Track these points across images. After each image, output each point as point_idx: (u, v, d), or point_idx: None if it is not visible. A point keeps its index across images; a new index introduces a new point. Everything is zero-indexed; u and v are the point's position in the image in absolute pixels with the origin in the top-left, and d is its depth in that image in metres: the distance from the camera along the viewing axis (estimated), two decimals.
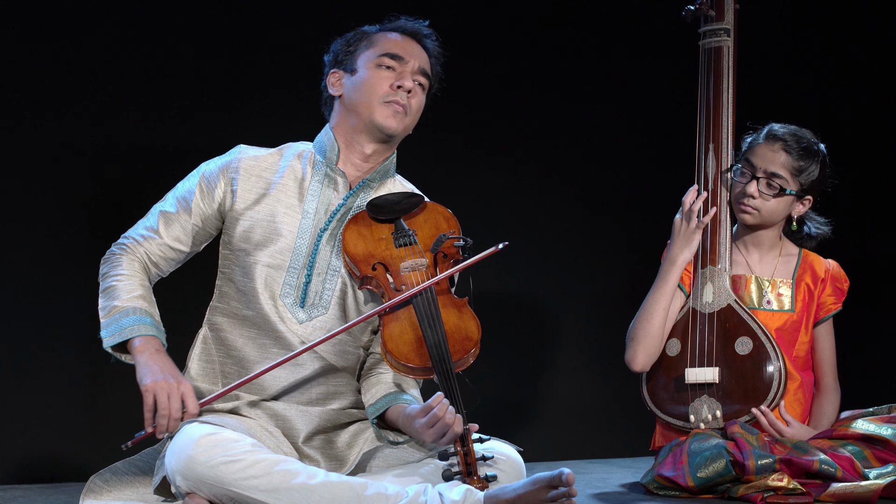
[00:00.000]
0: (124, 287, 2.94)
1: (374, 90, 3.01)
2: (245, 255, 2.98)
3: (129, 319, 2.90)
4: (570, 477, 2.65)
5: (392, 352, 2.82)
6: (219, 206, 3.02)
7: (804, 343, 3.50)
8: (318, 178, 3.04)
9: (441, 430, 2.72)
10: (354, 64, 3.05)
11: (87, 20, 3.89)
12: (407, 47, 3.05)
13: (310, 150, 3.10)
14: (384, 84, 3.01)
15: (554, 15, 4.54)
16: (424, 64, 3.07)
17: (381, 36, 3.07)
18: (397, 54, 3.03)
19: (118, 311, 2.91)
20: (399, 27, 3.10)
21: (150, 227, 3.01)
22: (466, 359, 2.83)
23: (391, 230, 2.98)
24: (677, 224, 3.50)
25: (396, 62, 3.03)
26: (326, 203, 3.02)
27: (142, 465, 2.99)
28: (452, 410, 2.72)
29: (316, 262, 2.98)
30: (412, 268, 2.92)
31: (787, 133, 3.46)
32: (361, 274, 2.92)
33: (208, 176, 3.03)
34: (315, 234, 2.99)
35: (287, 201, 3.01)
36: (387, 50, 3.03)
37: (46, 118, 3.86)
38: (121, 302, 2.92)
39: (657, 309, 3.45)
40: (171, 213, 3.01)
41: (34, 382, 3.81)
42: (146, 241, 3.00)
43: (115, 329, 2.90)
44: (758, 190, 3.43)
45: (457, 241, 2.95)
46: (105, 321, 2.92)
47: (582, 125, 4.56)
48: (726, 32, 3.56)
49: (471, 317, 2.89)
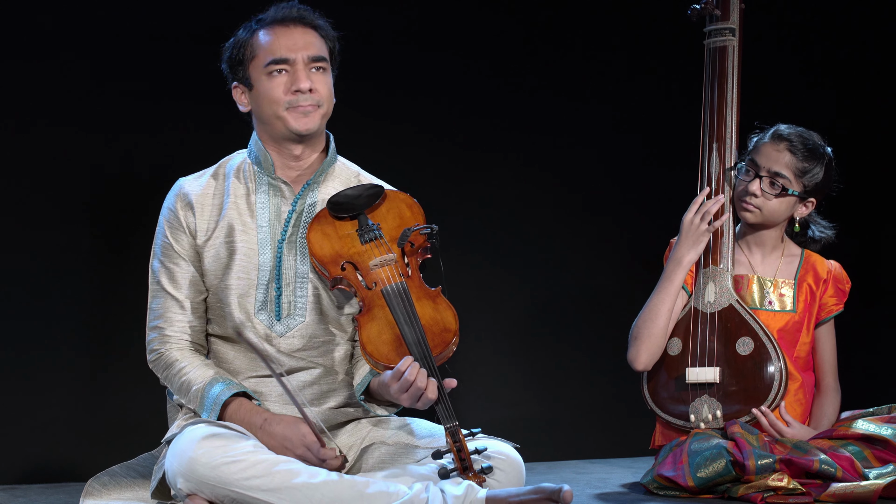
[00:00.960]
0: (188, 379, 2.92)
1: (274, 101, 2.94)
2: (216, 279, 2.96)
3: (209, 396, 2.88)
4: (567, 495, 2.65)
5: (372, 354, 2.81)
6: (190, 240, 2.98)
7: (805, 344, 3.51)
8: (262, 189, 3.01)
9: (415, 395, 2.72)
10: (249, 77, 2.97)
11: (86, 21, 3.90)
12: (288, 41, 2.94)
13: (246, 161, 3.05)
14: (281, 92, 2.94)
15: (556, 12, 4.54)
16: (314, 48, 2.96)
17: (260, 39, 2.96)
18: (281, 58, 2.93)
19: (199, 393, 2.89)
20: (272, 19, 2.97)
21: (169, 309, 2.96)
22: (448, 350, 2.82)
23: (355, 227, 2.94)
24: (686, 223, 3.49)
25: (284, 65, 2.94)
26: (277, 212, 2.99)
27: (140, 469, 2.99)
28: (424, 373, 2.72)
29: (282, 273, 2.96)
30: (381, 263, 2.89)
31: (794, 134, 3.45)
32: (331, 275, 2.90)
33: (169, 220, 2.99)
34: (274, 245, 2.97)
35: (241, 219, 2.98)
36: (269, 57, 2.93)
37: (46, 119, 3.86)
38: (197, 385, 2.90)
39: (662, 309, 3.45)
40: (172, 276, 2.96)
41: (34, 382, 3.81)
42: (177, 324, 2.96)
43: (209, 409, 2.88)
44: (760, 188, 3.43)
45: (423, 229, 2.92)
46: (198, 408, 2.91)
47: (584, 123, 4.56)
48: (731, 32, 3.56)
49: (446, 306, 2.86)
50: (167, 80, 3.98)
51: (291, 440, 2.81)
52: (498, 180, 4.44)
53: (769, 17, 4.57)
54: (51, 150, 3.85)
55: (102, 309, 3.89)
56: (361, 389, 2.96)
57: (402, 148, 4.19)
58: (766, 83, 4.56)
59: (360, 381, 2.97)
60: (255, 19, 3.00)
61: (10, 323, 3.79)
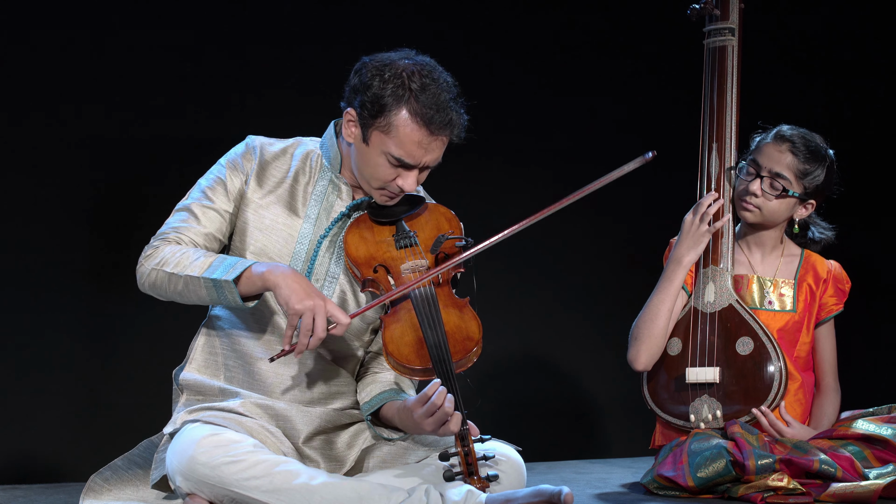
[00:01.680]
0: (193, 252, 2.81)
1: (375, 176, 2.89)
2: (239, 247, 2.94)
3: (230, 258, 2.79)
4: (567, 497, 2.65)
5: (393, 353, 2.81)
6: (242, 188, 2.94)
7: (805, 343, 3.51)
8: (322, 182, 3.00)
9: (440, 420, 2.70)
10: (368, 132, 2.86)
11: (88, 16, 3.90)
12: (423, 154, 2.86)
13: (317, 151, 3.03)
14: (387, 176, 2.88)
15: (555, 12, 4.54)
16: (439, 156, 2.89)
17: (402, 125, 2.83)
18: (407, 162, 2.85)
19: (212, 259, 2.79)
20: (426, 116, 2.82)
21: (185, 219, 2.90)
22: (468, 359, 2.82)
23: (392, 232, 2.96)
24: (687, 224, 3.49)
25: (405, 167, 2.87)
26: (329, 209, 2.99)
27: (140, 461, 2.97)
28: (451, 398, 2.70)
29: (314, 268, 2.96)
30: (412, 269, 2.90)
31: (796, 135, 3.45)
32: (363, 276, 2.91)
33: (233, 160, 2.96)
34: (315, 240, 2.97)
35: (291, 203, 2.98)
36: (399, 154, 2.84)
37: (47, 114, 3.86)
38: (206, 256, 2.79)
39: (662, 309, 3.45)
40: (206, 203, 2.90)
41: (34, 382, 3.81)
42: (188, 230, 2.88)
43: (224, 268, 2.76)
44: (760, 189, 3.43)
45: (458, 241, 2.94)
46: (206, 272, 2.76)
47: (583, 123, 4.56)
48: (731, 32, 3.55)
49: (472, 317, 2.87)
50: (167, 82, 3.99)
51: (314, 294, 2.72)
52: (497, 179, 4.44)
53: (768, 17, 4.57)
54: (52, 146, 3.86)
55: (103, 308, 3.89)
56: (370, 410, 2.94)
57: None
58: (765, 83, 4.56)
59: (369, 401, 2.95)
60: (409, 85, 2.83)
61: (9, 323, 3.79)
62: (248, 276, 2.76)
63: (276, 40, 4.12)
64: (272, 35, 4.12)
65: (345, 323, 2.74)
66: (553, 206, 2.90)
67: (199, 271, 2.77)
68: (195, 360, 2.97)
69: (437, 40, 4.34)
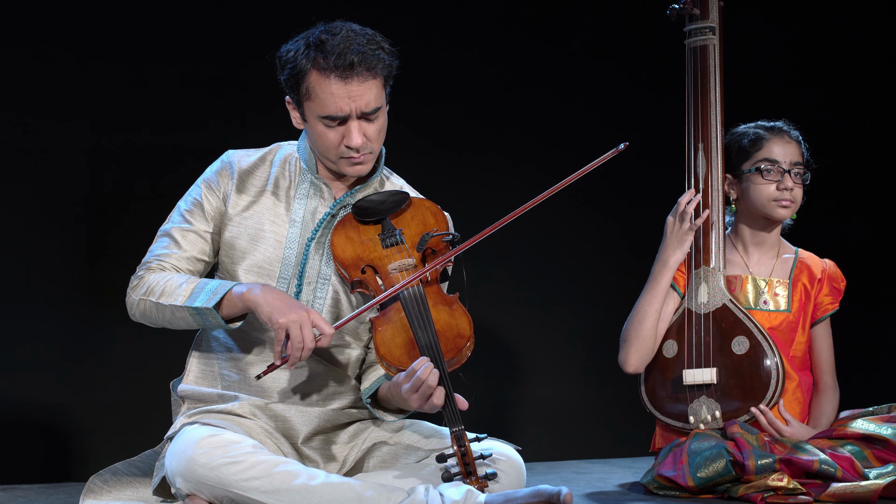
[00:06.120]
0: (177, 279, 2.85)
1: (327, 148, 2.90)
2: (230, 264, 2.96)
3: (211, 283, 2.82)
4: (567, 497, 2.65)
5: (385, 356, 2.80)
6: (221, 206, 2.97)
7: (801, 343, 3.51)
8: (304, 185, 3.01)
9: (425, 393, 2.70)
10: (303, 109, 2.90)
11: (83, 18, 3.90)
12: (342, 100, 2.84)
13: (295, 155, 3.04)
14: (334, 142, 2.89)
15: (542, 13, 4.54)
16: (369, 101, 2.86)
17: (316, 83, 2.84)
18: (335, 115, 2.85)
19: (193, 285, 2.83)
20: (331, 65, 2.82)
21: (166, 245, 2.93)
22: (461, 356, 2.80)
23: (378, 231, 2.95)
24: (669, 224, 3.51)
25: (338, 121, 2.87)
26: (313, 211, 2.99)
27: (142, 465, 2.99)
28: (437, 373, 2.70)
29: (306, 271, 2.96)
30: (399, 268, 2.89)
31: (786, 125, 3.54)
32: (351, 278, 2.90)
33: (209, 180, 2.99)
34: (303, 243, 2.97)
35: (275, 210, 2.98)
36: (324, 111, 2.85)
37: (45, 118, 3.86)
38: (188, 283, 2.84)
39: (649, 310, 3.46)
40: (185, 226, 2.94)
41: (34, 382, 3.81)
42: (169, 257, 2.92)
43: (205, 295, 2.80)
44: (792, 182, 3.47)
45: (444, 236, 2.93)
46: (187, 301, 2.81)
47: (570, 124, 4.56)
48: (711, 31, 3.56)
49: (462, 313, 2.85)
50: (167, 80, 3.99)
51: (296, 306, 2.76)
52: (488, 178, 4.44)
53: (752, 16, 4.58)
54: (50, 148, 3.86)
55: (103, 308, 3.89)
56: (369, 393, 2.95)
57: (397, 148, 4.19)
58: (750, 80, 4.56)
59: (369, 385, 2.97)
60: (313, 43, 2.86)
61: (9, 322, 3.79)
62: (230, 299, 2.81)
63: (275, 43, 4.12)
64: (267, 38, 4.12)
65: (329, 333, 2.76)
66: (536, 199, 2.91)
67: (182, 300, 2.83)
68: (191, 372, 2.99)
69: (432, 42, 4.37)
